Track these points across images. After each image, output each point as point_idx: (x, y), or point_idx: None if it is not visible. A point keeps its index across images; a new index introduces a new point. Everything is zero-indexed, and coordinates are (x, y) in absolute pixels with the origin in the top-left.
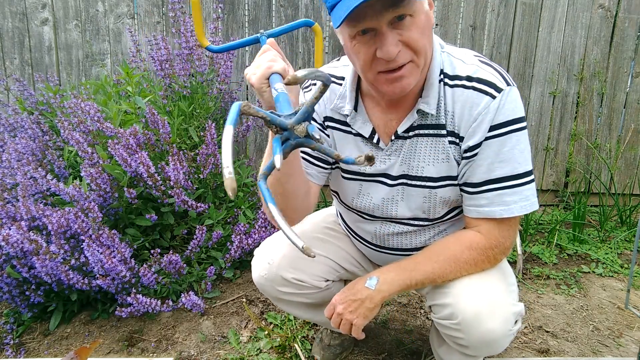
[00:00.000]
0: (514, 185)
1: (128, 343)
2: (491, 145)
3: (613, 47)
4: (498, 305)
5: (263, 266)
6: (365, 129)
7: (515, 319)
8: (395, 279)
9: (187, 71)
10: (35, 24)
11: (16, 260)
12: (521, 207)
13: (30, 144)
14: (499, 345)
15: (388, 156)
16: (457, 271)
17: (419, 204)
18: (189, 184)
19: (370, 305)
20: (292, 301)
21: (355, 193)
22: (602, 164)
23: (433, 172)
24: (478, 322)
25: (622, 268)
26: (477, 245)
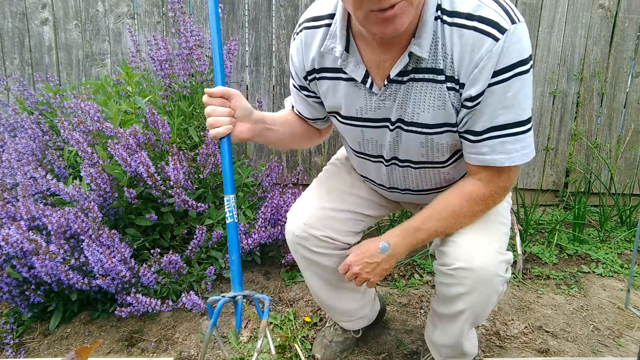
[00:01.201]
0: (516, 133)
1: (128, 343)
2: (494, 92)
3: (613, 47)
4: (489, 251)
5: (297, 225)
6: (357, 72)
7: (505, 267)
8: (404, 242)
9: (187, 71)
10: (35, 24)
11: (16, 260)
12: (522, 155)
13: (30, 144)
14: (489, 290)
15: (382, 101)
16: (458, 224)
17: (417, 149)
18: (189, 184)
19: (386, 267)
20: (319, 268)
21: (360, 138)
22: (602, 164)
23: (428, 118)
24: (470, 265)
25: (622, 268)
26: (477, 196)
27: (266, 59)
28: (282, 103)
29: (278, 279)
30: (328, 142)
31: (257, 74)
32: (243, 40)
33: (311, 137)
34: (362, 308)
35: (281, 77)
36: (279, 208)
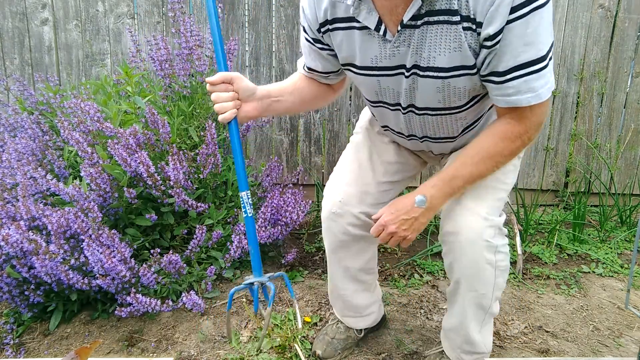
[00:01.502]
0: (540, 69)
1: (128, 343)
2: (513, 29)
3: (613, 47)
4: (473, 215)
5: (334, 202)
6: (370, 19)
7: (493, 232)
8: (440, 193)
9: (187, 71)
10: (35, 24)
11: (16, 260)
12: (547, 90)
13: (30, 144)
14: (476, 254)
15: (397, 48)
16: (493, 166)
17: (434, 95)
18: (189, 184)
19: (423, 220)
20: (346, 252)
21: (377, 88)
22: (602, 164)
23: (445, 62)
24: (454, 228)
25: (622, 268)
26: (511, 134)
27: (266, 59)
28: None
29: (278, 279)
30: (328, 142)
31: (257, 74)
32: (243, 40)
33: (324, 97)
34: (371, 305)
35: (281, 77)
36: (279, 208)
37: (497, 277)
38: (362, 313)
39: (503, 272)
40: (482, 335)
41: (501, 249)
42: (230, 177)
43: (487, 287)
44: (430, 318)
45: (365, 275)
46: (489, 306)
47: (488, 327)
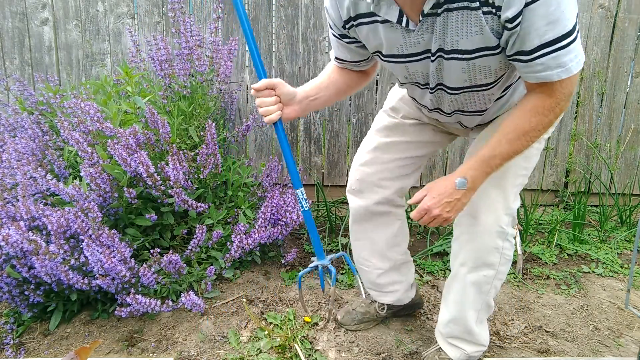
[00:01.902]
0: (567, 44)
1: (128, 343)
2: (535, 10)
3: (613, 47)
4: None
5: (353, 179)
6: (391, 13)
7: (507, 220)
8: (480, 173)
9: (187, 71)
10: (35, 24)
11: (16, 260)
12: (577, 64)
13: (30, 144)
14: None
15: (421, 36)
16: (528, 141)
17: (459, 75)
18: (188, 184)
19: (465, 201)
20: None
21: (406, 72)
22: (602, 164)
23: (468, 45)
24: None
25: (622, 268)
26: (543, 107)
27: (266, 59)
28: None
29: (278, 279)
30: (328, 142)
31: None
32: (243, 40)
33: (359, 83)
34: (394, 284)
35: (281, 77)
36: (279, 208)
37: (500, 265)
38: (383, 290)
39: (507, 262)
40: (479, 328)
41: (509, 237)
42: (230, 177)
43: (490, 271)
44: (430, 318)
45: (393, 253)
46: (488, 292)
47: (484, 323)
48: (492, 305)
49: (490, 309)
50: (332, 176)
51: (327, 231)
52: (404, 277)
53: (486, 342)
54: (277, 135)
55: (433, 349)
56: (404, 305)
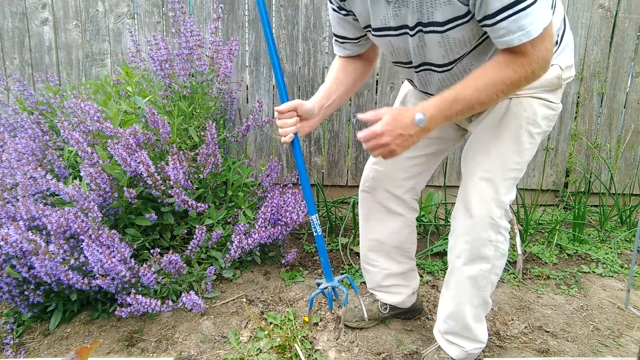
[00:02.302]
0: (526, 7)
1: (128, 343)
2: None
3: (613, 47)
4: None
5: (366, 178)
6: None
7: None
8: (439, 115)
9: (187, 71)
10: (35, 24)
11: (16, 260)
12: (537, 27)
13: (30, 144)
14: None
15: (398, 9)
16: (494, 93)
17: (437, 49)
18: (188, 184)
19: (416, 140)
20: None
21: (391, 48)
22: (602, 164)
23: (439, 16)
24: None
25: (622, 268)
26: (515, 63)
27: (266, 59)
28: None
29: (278, 279)
30: (328, 142)
31: (257, 73)
32: (243, 40)
33: (364, 73)
34: (399, 286)
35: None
36: (279, 208)
37: (495, 259)
38: (388, 290)
39: (502, 256)
40: (477, 325)
41: (503, 231)
42: (230, 177)
43: (486, 265)
44: (430, 318)
45: (401, 257)
46: (484, 287)
47: (482, 320)
48: (489, 303)
49: (487, 305)
50: (332, 176)
51: (327, 231)
52: (409, 282)
53: (484, 339)
54: (295, 156)
55: (432, 348)
56: (405, 309)
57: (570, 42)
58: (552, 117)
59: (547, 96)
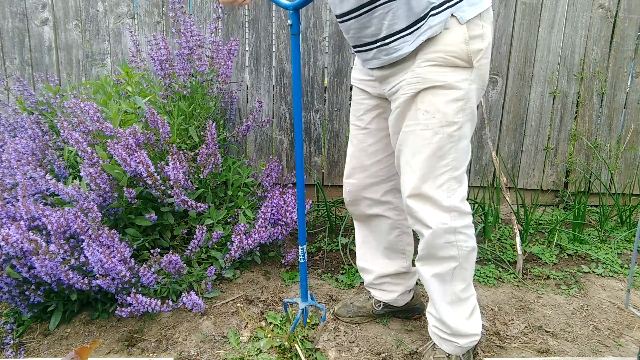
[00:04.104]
0: None
1: (128, 343)
2: None
3: (613, 47)
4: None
5: (345, 193)
6: None
7: (450, 216)
8: None
9: (187, 71)
10: (35, 24)
11: (16, 260)
12: None
13: (30, 144)
14: (436, 238)
15: None
16: None
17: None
18: (188, 184)
19: None
20: (370, 229)
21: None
22: (602, 164)
23: None
24: (414, 219)
25: (622, 268)
26: None
27: (266, 59)
28: (282, 103)
29: (278, 279)
30: (328, 142)
31: (257, 74)
32: (243, 40)
33: None
34: (394, 284)
35: (281, 77)
36: (279, 208)
37: (460, 257)
38: (380, 288)
39: (467, 252)
40: (461, 321)
41: (461, 229)
42: (230, 177)
43: (450, 263)
44: None
45: (393, 256)
46: (450, 282)
47: (467, 314)
48: (465, 297)
49: (465, 301)
50: (332, 176)
51: (327, 231)
52: (402, 282)
53: (477, 331)
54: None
55: (429, 346)
56: (399, 307)
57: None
58: (465, 107)
59: (447, 77)
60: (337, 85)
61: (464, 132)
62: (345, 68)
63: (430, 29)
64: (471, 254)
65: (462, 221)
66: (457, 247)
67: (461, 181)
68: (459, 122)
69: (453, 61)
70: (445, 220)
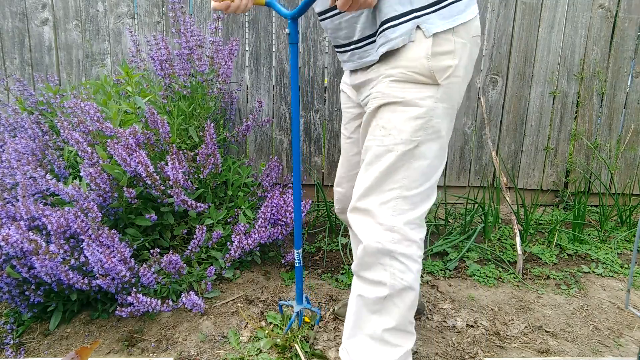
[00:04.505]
0: None
1: (128, 343)
2: None
3: (613, 47)
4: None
5: (335, 202)
6: None
7: (392, 238)
8: None
9: (187, 71)
10: (35, 24)
11: (16, 260)
12: None
13: (30, 144)
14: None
15: None
16: None
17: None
18: (188, 184)
19: None
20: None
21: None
22: (602, 164)
23: None
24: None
25: (622, 268)
26: None
27: (266, 59)
28: (282, 103)
29: (278, 279)
30: (328, 142)
31: (257, 73)
32: (243, 40)
33: None
34: None
35: (281, 77)
36: (279, 208)
37: (392, 287)
38: None
39: (403, 289)
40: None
41: (400, 257)
42: (230, 177)
43: (379, 289)
44: (430, 318)
45: None
46: (375, 312)
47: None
48: (392, 343)
49: (389, 346)
50: (332, 176)
51: (327, 231)
52: None
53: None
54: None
55: None
56: None
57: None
58: (426, 126)
59: (408, 93)
60: (337, 85)
61: (422, 152)
62: None
63: (389, 41)
64: (407, 293)
65: (403, 248)
66: (390, 275)
67: (415, 204)
68: (415, 141)
69: (414, 77)
70: (381, 239)
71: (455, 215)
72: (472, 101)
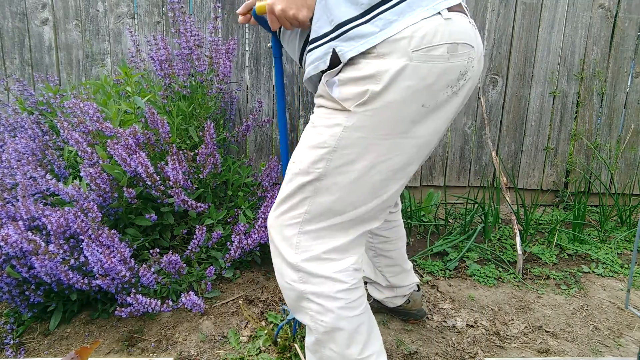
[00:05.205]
0: None
1: (128, 343)
2: None
3: (613, 47)
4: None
5: None
6: None
7: (298, 277)
8: None
9: (186, 71)
10: (35, 24)
11: (16, 260)
12: None
13: (30, 144)
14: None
15: None
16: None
17: None
18: (188, 184)
19: (310, 2)
20: None
21: None
22: (602, 164)
23: None
24: None
25: (622, 268)
26: None
27: (266, 59)
28: None
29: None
30: None
31: (257, 74)
32: (243, 41)
33: None
34: (382, 289)
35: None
36: None
37: (318, 332)
38: (372, 286)
39: (326, 332)
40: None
41: (313, 297)
42: (230, 177)
43: (309, 335)
44: (430, 318)
45: (374, 269)
46: (315, 352)
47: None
48: None
49: None
50: None
51: None
52: (389, 291)
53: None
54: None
55: None
56: (389, 308)
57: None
58: (330, 158)
59: (317, 119)
60: None
61: (325, 186)
62: None
63: (311, 64)
64: (335, 334)
65: (312, 287)
66: (311, 318)
67: (321, 237)
68: (314, 173)
69: (321, 101)
70: (289, 278)
71: (455, 215)
72: (472, 101)
